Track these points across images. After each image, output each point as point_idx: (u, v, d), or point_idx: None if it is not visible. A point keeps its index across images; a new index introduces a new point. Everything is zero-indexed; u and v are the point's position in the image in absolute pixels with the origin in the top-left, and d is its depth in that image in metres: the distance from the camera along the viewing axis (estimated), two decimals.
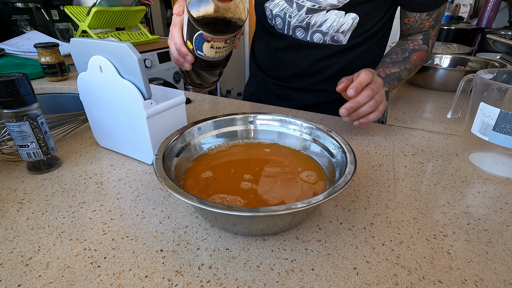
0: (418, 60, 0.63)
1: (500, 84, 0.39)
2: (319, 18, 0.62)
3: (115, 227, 0.32)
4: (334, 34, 0.63)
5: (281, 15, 0.66)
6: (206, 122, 0.43)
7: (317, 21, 0.62)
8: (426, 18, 0.62)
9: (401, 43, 0.65)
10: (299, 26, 0.64)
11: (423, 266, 0.28)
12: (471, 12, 1.56)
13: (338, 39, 0.64)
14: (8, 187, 0.39)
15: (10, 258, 0.28)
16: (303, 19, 0.63)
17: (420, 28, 0.64)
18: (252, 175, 0.37)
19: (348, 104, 0.48)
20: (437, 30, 0.66)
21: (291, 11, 0.63)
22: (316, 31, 0.64)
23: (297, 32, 0.66)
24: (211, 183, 0.36)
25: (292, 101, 0.75)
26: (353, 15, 0.60)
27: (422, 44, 0.64)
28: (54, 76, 0.84)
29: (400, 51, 0.63)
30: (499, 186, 0.40)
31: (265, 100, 0.80)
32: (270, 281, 0.26)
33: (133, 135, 0.43)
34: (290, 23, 0.65)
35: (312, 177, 0.37)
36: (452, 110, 0.50)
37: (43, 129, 0.40)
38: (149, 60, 1.45)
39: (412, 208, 0.35)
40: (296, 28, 0.65)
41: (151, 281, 0.26)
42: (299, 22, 0.64)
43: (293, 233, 0.31)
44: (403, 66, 0.61)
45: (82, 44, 0.41)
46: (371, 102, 0.48)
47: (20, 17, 1.36)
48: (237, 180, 0.37)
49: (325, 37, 0.64)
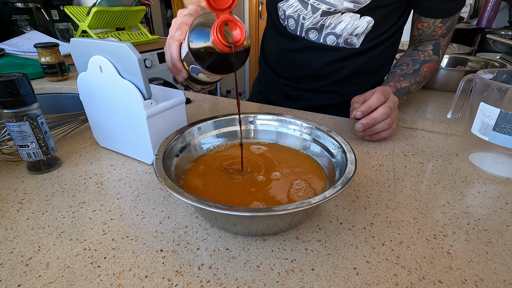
0: (429, 71, 0.63)
1: (500, 84, 0.39)
2: (334, 20, 0.61)
3: (115, 227, 0.32)
4: (348, 36, 0.63)
5: (294, 16, 0.65)
6: (206, 122, 0.43)
7: (331, 23, 0.62)
8: (439, 26, 0.62)
9: (411, 53, 0.65)
10: (312, 28, 0.64)
11: (423, 266, 0.28)
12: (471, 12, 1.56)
13: (352, 42, 0.64)
14: (8, 187, 0.39)
15: (10, 258, 0.28)
16: (317, 21, 0.62)
17: (432, 36, 0.64)
18: (252, 175, 0.37)
19: (365, 120, 0.48)
20: (448, 40, 0.65)
21: (305, 13, 0.63)
22: (329, 33, 0.63)
23: (310, 34, 0.65)
24: (211, 183, 0.36)
25: (302, 101, 0.75)
26: (368, 18, 0.60)
27: (433, 55, 0.63)
28: (54, 76, 0.84)
29: (411, 63, 0.62)
30: (499, 186, 0.40)
31: (274, 99, 0.80)
32: (270, 281, 0.26)
33: (133, 135, 0.43)
34: (304, 25, 0.64)
35: (312, 177, 0.37)
36: (452, 110, 0.50)
37: (43, 129, 0.40)
38: (149, 60, 1.45)
39: (412, 208, 0.35)
40: (310, 30, 0.65)
41: (151, 281, 0.26)
42: (313, 24, 0.63)
43: (293, 233, 0.31)
44: (413, 79, 0.60)
45: (82, 44, 0.41)
46: (388, 120, 0.49)
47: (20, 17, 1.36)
48: (236, 180, 0.37)
49: (339, 39, 0.64)
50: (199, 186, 0.35)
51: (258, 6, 2.67)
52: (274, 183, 0.36)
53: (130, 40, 1.37)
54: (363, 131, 0.49)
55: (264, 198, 0.33)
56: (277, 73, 0.77)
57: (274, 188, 0.35)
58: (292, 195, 0.34)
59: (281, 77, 0.76)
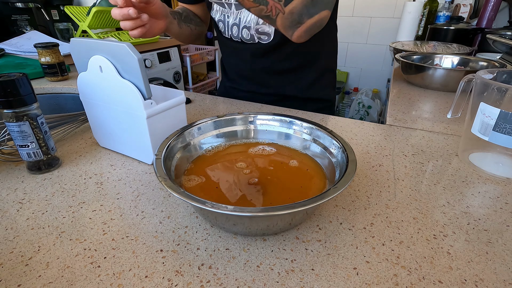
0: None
1: (500, 84, 0.39)
2: (247, 13, 0.64)
3: (115, 227, 0.32)
4: (257, 26, 0.65)
5: (222, 19, 0.70)
6: (206, 122, 0.43)
7: (245, 16, 0.65)
8: None
9: None
10: (234, 24, 0.68)
11: (423, 266, 0.28)
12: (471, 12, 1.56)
13: (263, 31, 0.66)
14: (8, 187, 0.39)
15: (10, 258, 0.28)
16: (236, 15, 0.66)
17: None
18: (251, 175, 0.37)
19: None
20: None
21: (227, 12, 0.67)
22: (244, 27, 0.67)
23: (233, 31, 0.69)
24: (211, 183, 0.36)
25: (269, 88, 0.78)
26: None
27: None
28: (54, 76, 0.84)
29: None
30: (499, 186, 0.40)
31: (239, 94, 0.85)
32: (270, 281, 0.26)
33: (133, 135, 0.43)
34: (229, 23, 0.69)
35: (312, 177, 0.37)
36: (452, 110, 0.50)
37: (43, 129, 0.40)
38: (149, 60, 1.45)
39: (412, 208, 0.35)
40: (233, 27, 0.69)
41: (151, 281, 0.26)
42: (234, 20, 0.67)
43: (293, 233, 0.31)
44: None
45: (82, 44, 0.41)
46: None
47: (20, 17, 1.36)
48: (236, 179, 0.37)
49: (250, 31, 0.67)
50: (199, 186, 0.35)
51: None
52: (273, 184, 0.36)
53: (130, 40, 1.37)
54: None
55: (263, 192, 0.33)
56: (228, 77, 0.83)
57: (274, 189, 0.35)
58: (292, 195, 0.34)
59: (230, 81, 0.83)
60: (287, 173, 0.38)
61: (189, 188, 0.35)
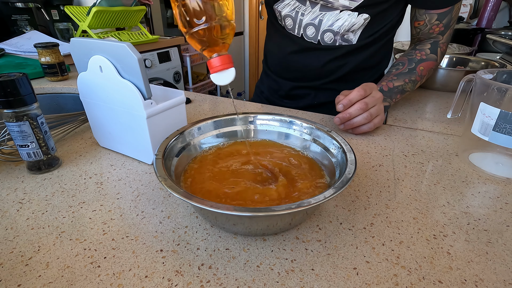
0: (425, 70, 0.63)
1: (500, 84, 0.39)
2: (332, 17, 0.62)
3: (115, 227, 0.32)
4: (344, 33, 0.64)
5: (291, 15, 0.66)
6: (206, 122, 0.43)
7: (329, 20, 0.63)
8: (435, 23, 0.62)
9: (409, 53, 0.65)
10: (311, 24, 0.65)
11: (423, 266, 0.28)
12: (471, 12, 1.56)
13: (349, 38, 0.65)
14: (8, 187, 0.39)
15: (10, 258, 0.28)
16: (316, 16, 0.64)
17: (429, 34, 0.64)
18: (251, 175, 0.37)
19: (341, 114, 0.52)
20: (448, 38, 0.65)
21: (304, 9, 0.64)
22: (327, 30, 0.64)
23: (307, 31, 0.66)
24: (210, 183, 0.36)
25: (301, 100, 0.77)
26: (365, 15, 0.61)
27: (430, 54, 0.63)
28: (54, 76, 0.84)
29: (406, 62, 0.63)
30: (499, 186, 0.40)
31: (274, 99, 0.82)
32: (270, 281, 0.26)
33: (133, 135, 0.43)
34: (302, 21, 0.65)
35: (312, 177, 0.37)
36: (452, 110, 0.50)
37: (43, 129, 0.40)
38: (149, 60, 1.45)
39: (412, 208, 0.35)
40: (308, 27, 0.65)
41: (151, 281, 0.26)
42: (311, 19, 0.64)
43: (293, 233, 0.31)
44: (408, 78, 0.61)
45: (82, 44, 0.41)
46: (365, 114, 0.51)
47: (20, 17, 1.36)
48: (236, 180, 0.37)
49: (336, 36, 0.65)
50: (199, 186, 0.35)
51: (258, 6, 2.67)
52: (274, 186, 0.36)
53: (130, 40, 1.37)
54: (342, 124, 0.53)
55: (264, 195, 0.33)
56: (278, 74, 0.79)
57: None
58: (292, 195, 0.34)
59: (282, 78, 0.78)
60: (287, 173, 0.38)
61: (188, 187, 0.35)
